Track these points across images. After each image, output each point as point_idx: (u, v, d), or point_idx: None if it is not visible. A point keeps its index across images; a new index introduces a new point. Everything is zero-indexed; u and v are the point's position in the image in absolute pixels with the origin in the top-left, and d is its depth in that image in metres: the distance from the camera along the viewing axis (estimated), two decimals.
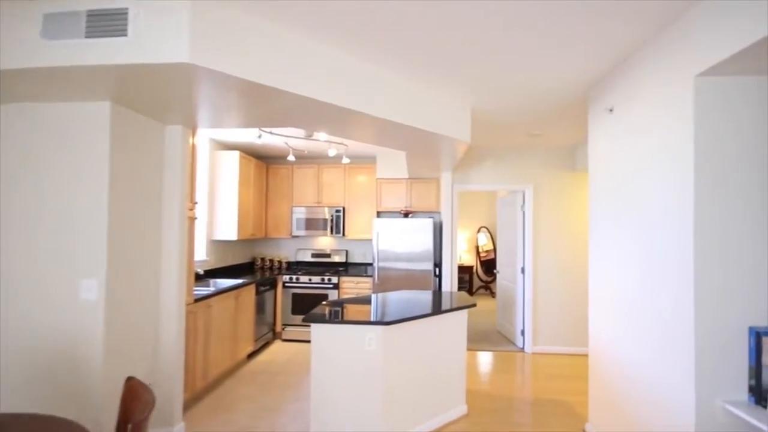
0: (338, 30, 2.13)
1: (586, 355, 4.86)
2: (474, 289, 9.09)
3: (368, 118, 2.61)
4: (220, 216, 4.68)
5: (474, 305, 3.23)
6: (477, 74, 2.69)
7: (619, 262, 2.53)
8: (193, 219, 3.16)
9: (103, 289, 2.28)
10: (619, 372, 2.50)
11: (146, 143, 2.64)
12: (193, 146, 3.11)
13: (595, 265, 2.87)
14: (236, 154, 4.73)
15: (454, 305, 3.16)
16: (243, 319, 4.20)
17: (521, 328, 5.04)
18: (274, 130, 3.92)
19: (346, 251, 5.82)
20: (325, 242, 5.89)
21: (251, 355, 4.52)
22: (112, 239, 2.34)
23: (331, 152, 4.31)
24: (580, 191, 4.94)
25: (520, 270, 5.08)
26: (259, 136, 3.68)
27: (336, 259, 5.77)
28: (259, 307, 4.69)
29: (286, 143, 4.35)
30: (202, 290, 3.66)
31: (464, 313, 3.21)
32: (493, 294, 8.64)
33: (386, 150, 5.26)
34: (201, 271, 3.86)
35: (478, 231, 9.17)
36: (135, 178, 2.54)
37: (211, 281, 4.40)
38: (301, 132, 4.08)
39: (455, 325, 3.15)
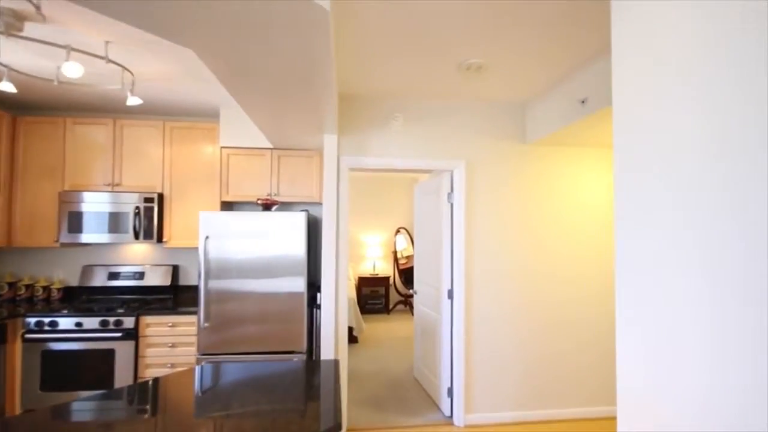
0: None
1: (547, 423, 3.10)
2: (391, 306, 7.26)
3: None
4: None
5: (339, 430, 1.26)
6: None
7: (713, 322, 0.73)
8: None
9: None
10: None
11: None
12: None
13: (637, 323, 1.06)
14: None
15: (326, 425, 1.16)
16: None
17: (448, 384, 3.22)
18: None
19: (174, 268, 3.53)
20: (137, 254, 3.55)
21: None
22: None
23: (72, 71, 2.05)
24: (537, 173, 3.27)
25: (446, 293, 3.27)
26: None
27: (154, 281, 3.46)
28: None
29: None
30: None
31: None
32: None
33: (233, 102, 3.11)
34: None
35: (396, 233, 7.36)
36: None
37: None
38: None
39: None
